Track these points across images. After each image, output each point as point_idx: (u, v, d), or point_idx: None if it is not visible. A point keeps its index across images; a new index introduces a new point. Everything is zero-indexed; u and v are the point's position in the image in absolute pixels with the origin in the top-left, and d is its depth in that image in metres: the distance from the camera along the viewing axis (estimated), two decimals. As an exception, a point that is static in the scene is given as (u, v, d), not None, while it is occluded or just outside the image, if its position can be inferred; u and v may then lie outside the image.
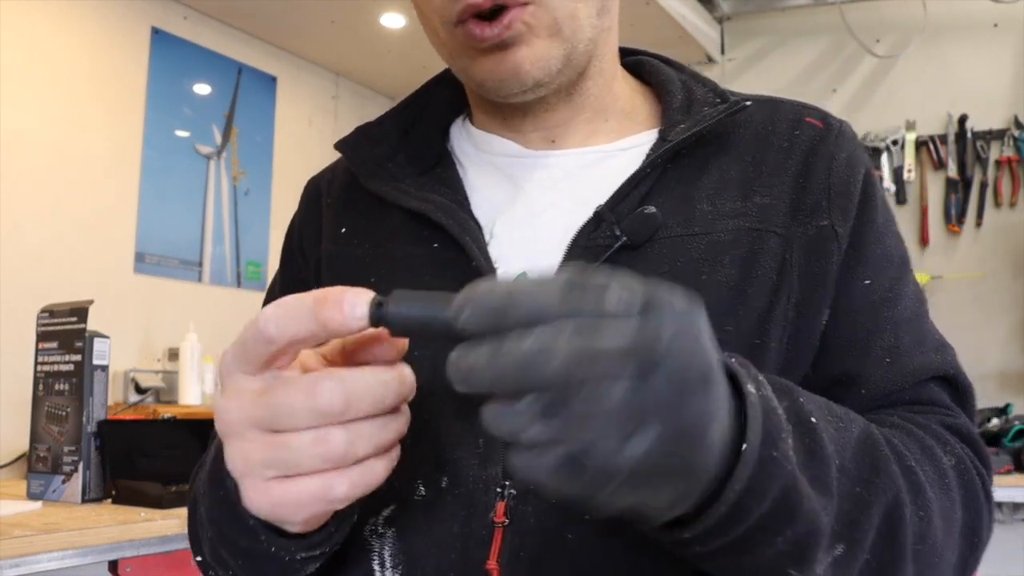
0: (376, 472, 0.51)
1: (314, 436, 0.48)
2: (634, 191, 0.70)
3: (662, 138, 0.73)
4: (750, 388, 0.51)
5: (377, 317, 0.48)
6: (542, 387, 0.41)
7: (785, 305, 0.68)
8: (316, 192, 0.84)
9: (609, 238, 0.67)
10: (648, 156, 0.71)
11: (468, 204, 0.73)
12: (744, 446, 0.49)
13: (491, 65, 0.69)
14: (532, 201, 0.73)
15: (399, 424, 0.52)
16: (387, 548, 0.65)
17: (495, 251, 0.70)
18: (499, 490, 0.62)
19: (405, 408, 0.52)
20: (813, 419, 0.56)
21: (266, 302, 0.80)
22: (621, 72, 0.80)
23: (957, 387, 0.74)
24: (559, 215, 0.71)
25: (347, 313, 0.48)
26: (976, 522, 0.67)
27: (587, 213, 0.69)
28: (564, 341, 0.41)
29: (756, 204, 0.70)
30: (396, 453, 0.53)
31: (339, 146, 0.80)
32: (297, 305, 0.48)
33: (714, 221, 0.69)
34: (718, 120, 0.72)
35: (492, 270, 0.68)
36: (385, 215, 0.76)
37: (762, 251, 0.68)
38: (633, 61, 0.83)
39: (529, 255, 0.70)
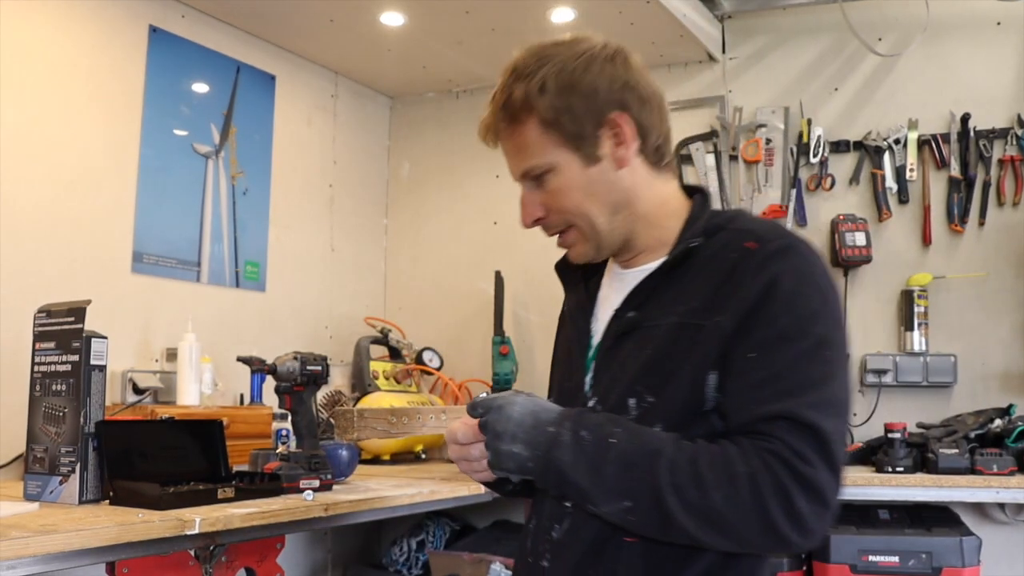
0: (482, 473, 1.28)
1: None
2: (634, 299, 1.29)
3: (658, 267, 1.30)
4: (550, 429, 1.19)
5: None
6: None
7: (691, 368, 1.19)
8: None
9: (620, 327, 1.30)
10: (639, 283, 1.30)
11: (592, 304, 1.39)
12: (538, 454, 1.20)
13: (568, 254, 1.38)
14: (607, 298, 1.37)
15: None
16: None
17: (593, 326, 1.36)
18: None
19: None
20: (612, 439, 1.17)
21: (557, 339, 1.52)
22: (674, 212, 1.32)
23: (798, 423, 1.11)
24: (611, 308, 1.33)
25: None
26: (763, 510, 1.09)
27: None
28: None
29: (688, 307, 1.22)
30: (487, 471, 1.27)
31: (557, 267, 1.48)
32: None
33: (663, 317, 1.24)
34: (675, 256, 1.26)
35: (584, 342, 1.36)
36: (568, 300, 1.47)
37: (682, 336, 1.21)
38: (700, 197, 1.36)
39: (598, 330, 1.34)
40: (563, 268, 1.45)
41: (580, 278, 1.42)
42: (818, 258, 1.22)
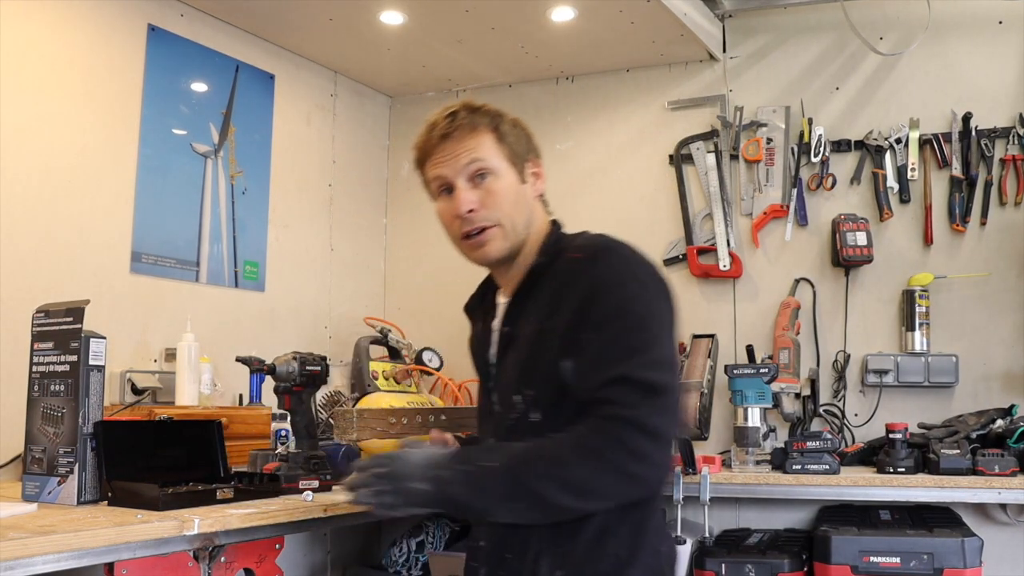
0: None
1: None
2: (507, 317, 1.71)
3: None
4: (441, 472, 1.52)
5: None
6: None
7: (548, 361, 1.55)
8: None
9: (501, 340, 1.72)
10: (507, 303, 1.73)
11: (489, 334, 1.77)
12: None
13: (476, 253, 1.70)
14: (497, 320, 1.76)
15: None
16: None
17: (490, 351, 1.76)
18: None
19: None
20: (486, 463, 1.49)
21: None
22: (540, 239, 1.72)
23: (631, 383, 1.43)
24: (498, 326, 1.75)
25: None
26: (610, 461, 1.42)
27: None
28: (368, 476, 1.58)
29: (540, 314, 1.60)
30: None
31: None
32: None
33: (524, 327, 1.64)
34: (524, 278, 1.70)
35: (486, 359, 1.78)
36: (473, 333, 1.89)
37: (538, 339, 1.59)
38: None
39: (493, 348, 1.75)
40: (470, 309, 1.89)
41: (481, 316, 1.82)
42: (636, 254, 1.59)
